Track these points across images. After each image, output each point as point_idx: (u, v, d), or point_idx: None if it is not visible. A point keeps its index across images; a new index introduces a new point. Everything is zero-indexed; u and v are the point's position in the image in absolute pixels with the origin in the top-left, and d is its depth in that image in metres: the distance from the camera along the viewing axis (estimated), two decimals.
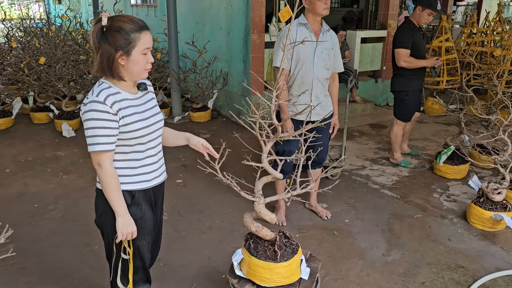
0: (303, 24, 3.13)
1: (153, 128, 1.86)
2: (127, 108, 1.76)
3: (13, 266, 2.89)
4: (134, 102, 1.81)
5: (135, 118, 1.78)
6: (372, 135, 5.81)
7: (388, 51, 7.14)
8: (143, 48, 1.70)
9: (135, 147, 1.83)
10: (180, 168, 4.52)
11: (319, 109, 3.28)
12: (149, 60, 1.75)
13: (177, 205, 3.75)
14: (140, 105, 1.83)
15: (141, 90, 1.85)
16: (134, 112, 1.78)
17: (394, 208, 3.75)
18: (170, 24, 6.05)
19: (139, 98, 1.84)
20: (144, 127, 1.80)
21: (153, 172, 1.93)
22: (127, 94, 1.79)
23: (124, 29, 1.66)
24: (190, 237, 3.27)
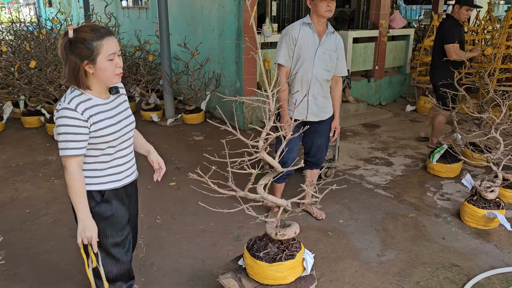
0: (307, 24, 3.16)
1: (125, 131, 1.94)
2: (98, 114, 1.83)
3: (4, 273, 2.85)
4: (105, 107, 1.88)
5: (106, 123, 1.85)
6: (365, 135, 5.82)
7: (380, 51, 7.16)
8: (107, 55, 1.76)
9: (105, 150, 1.91)
10: (173, 171, 4.49)
11: (316, 109, 3.27)
12: (117, 65, 1.81)
13: (170, 208, 3.73)
14: (112, 109, 1.91)
15: (112, 94, 1.92)
16: (105, 117, 1.86)
17: (388, 208, 3.74)
18: (162, 26, 6.02)
19: (111, 102, 1.92)
20: (115, 132, 1.89)
21: (124, 172, 2.02)
22: (98, 99, 1.85)
23: (86, 40, 1.73)
24: (184, 240, 3.24)
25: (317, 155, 3.45)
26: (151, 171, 2.25)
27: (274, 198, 2.10)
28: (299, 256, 2.24)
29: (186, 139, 5.49)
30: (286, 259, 2.20)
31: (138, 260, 2.99)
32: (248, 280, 2.29)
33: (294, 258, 2.21)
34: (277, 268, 2.20)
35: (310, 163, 3.49)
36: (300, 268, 2.28)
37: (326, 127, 3.39)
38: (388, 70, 7.85)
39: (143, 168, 4.71)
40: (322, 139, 3.39)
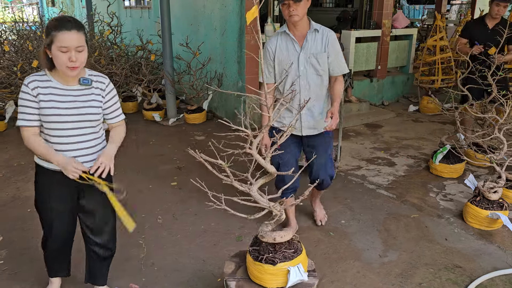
0: (284, 32, 2.87)
1: (70, 119, 2.02)
2: (48, 95, 2.00)
3: (5, 273, 2.85)
4: (61, 91, 2.03)
5: (51, 104, 2.00)
6: (367, 135, 5.80)
7: (383, 51, 7.13)
8: (58, 46, 1.88)
9: (47, 131, 2.06)
10: (174, 171, 4.48)
11: (312, 122, 2.98)
12: (70, 59, 1.90)
13: (171, 208, 3.72)
14: (67, 96, 2.03)
15: (80, 84, 2.05)
16: (54, 100, 2.01)
17: (390, 208, 3.72)
18: (164, 25, 6.01)
19: (73, 90, 2.05)
20: (56, 114, 2.00)
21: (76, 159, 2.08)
22: (57, 83, 2.03)
23: (48, 27, 1.92)
24: (185, 240, 3.23)
25: (319, 173, 3.04)
26: (151, 172, 2.25)
27: (258, 198, 2.08)
28: (282, 266, 2.20)
29: (188, 139, 5.48)
30: (267, 262, 2.21)
31: (139, 260, 2.98)
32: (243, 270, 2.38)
33: (274, 264, 2.19)
34: (257, 267, 2.24)
35: (312, 181, 3.07)
36: (282, 278, 2.22)
37: (327, 139, 3.05)
38: (391, 70, 7.83)
39: (144, 169, 4.75)
40: (321, 154, 3.00)
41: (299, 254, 2.27)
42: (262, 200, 2.10)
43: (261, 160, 2.02)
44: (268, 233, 2.26)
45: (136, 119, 6.49)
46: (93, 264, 2.48)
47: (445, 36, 6.84)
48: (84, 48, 1.96)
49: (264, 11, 6.54)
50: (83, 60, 1.97)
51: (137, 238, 3.25)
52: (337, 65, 2.91)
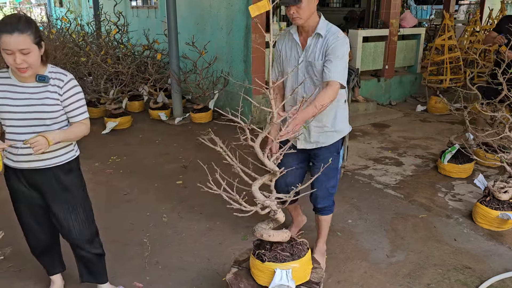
0: (291, 32, 2.59)
1: (19, 116, 2.01)
2: (2, 92, 2.01)
3: (10, 270, 2.83)
4: (17, 88, 2.01)
5: (3, 101, 2.00)
6: (374, 135, 5.74)
7: (391, 50, 7.06)
8: (3, 48, 1.86)
9: (5, 127, 2.07)
10: (180, 169, 4.45)
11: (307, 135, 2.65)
12: (15, 60, 1.86)
13: (176, 207, 3.69)
14: (22, 93, 2.01)
15: (37, 81, 2.01)
16: (7, 97, 2.00)
17: (398, 208, 3.67)
18: (170, 25, 6.00)
19: (30, 87, 2.02)
20: (8, 111, 2.00)
21: (17, 155, 2.08)
22: (15, 80, 2.02)
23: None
24: (189, 238, 3.20)
25: (313, 194, 2.73)
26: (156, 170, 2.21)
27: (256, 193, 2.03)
28: (269, 265, 2.13)
29: (194, 138, 5.46)
30: (258, 257, 2.18)
31: (143, 258, 2.96)
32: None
33: (262, 261, 2.15)
34: (252, 261, 2.23)
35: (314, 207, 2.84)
36: (268, 278, 2.14)
37: (326, 155, 2.62)
38: (398, 69, 7.76)
39: (149, 168, 4.73)
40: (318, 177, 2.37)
41: (294, 259, 2.15)
42: (259, 196, 2.05)
43: (260, 154, 1.98)
44: (259, 228, 2.20)
45: (142, 118, 6.48)
46: (80, 263, 2.46)
47: (454, 36, 6.76)
48: (31, 50, 1.88)
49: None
50: (31, 62, 1.91)
51: (142, 237, 3.23)
52: (330, 69, 2.38)
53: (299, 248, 2.22)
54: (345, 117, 2.70)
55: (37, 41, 1.91)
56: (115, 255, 2.95)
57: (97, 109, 6.32)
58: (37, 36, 1.92)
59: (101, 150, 5.08)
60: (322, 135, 2.63)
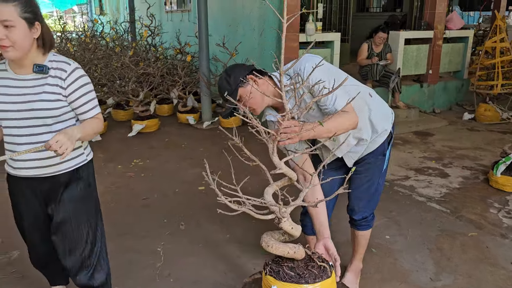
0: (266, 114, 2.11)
1: (14, 115, 1.72)
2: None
3: (12, 275, 2.63)
4: (13, 82, 1.72)
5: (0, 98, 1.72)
6: (416, 143, 5.28)
7: (435, 54, 6.58)
8: None
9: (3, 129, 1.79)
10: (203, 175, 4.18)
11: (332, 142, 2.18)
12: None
13: (196, 214, 3.41)
14: (19, 88, 1.72)
15: (35, 72, 1.72)
16: (2, 92, 1.72)
17: (444, 224, 3.24)
18: (201, 27, 5.81)
19: (26, 80, 1.73)
20: (2, 110, 1.72)
21: (16, 162, 1.80)
22: (11, 73, 1.74)
23: None
24: (207, 249, 2.91)
25: (350, 204, 2.39)
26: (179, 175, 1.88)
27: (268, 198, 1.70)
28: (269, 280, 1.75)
29: (221, 143, 5.20)
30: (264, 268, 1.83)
31: (154, 269, 2.69)
32: None
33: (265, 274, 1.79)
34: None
35: (350, 219, 2.48)
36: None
37: (370, 159, 2.24)
38: (443, 75, 7.23)
39: (172, 172, 4.49)
40: (356, 182, 2.28)
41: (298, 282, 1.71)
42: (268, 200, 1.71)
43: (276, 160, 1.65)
44: (266, 235, 1.85)
45: (171, 121, 6.30)
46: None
47: (506, 38, 6.20)
48: (15, 25, 1.58)
49: (305, 7, 6.21)
50: (15, 39, 1.59)
51: (156, 245, 2.96)
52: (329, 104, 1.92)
53: (313, 272, 1.75)
54: (381, 114, 2.20)
55: (26, 17, 1.61)
56: (126, 264, 2.71)
57: (125, 112, 6.19)
58: (28, 11, 1.62)
59: (125, 153, 4.90)
60: (362, 147, 2.20)
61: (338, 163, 2.28)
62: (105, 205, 3.57)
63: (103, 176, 4.22)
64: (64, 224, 1.87)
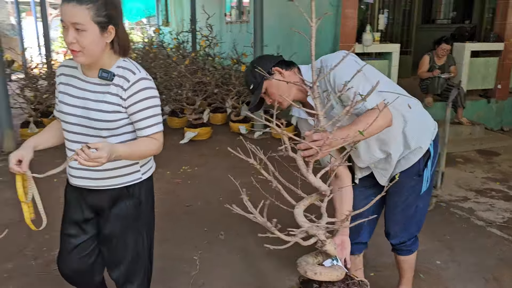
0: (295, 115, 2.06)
1: (71, 119, 1.62)
2: (66, 85, 1.65)
3: (54, 272, 2.72)
4: (79, 83, 1.62)
5: (61, 97, 1.64)
6: (479, 163, 4.90)
7: (505, 67, 6.12)
8: (60, 20, 1.50)
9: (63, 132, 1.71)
10: (249, 185, 4.14)
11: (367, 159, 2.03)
12: (68, 37, 1.48)
13: (237, 225, 3.36)
14: (83, 90, 1.61)
15: (99, 78, 1.57)
16: (68, 92, 1.63)
17: (504, 253, 2.94)
18: (256, 37, 5.83)
19: (91, 84, 1.61)
20: (63, 112, 1.63)
21: (74, 169, 1.68)
22: (80, 73, 1.63)
23: None
24: (244, 261, 2.85)
25: (386, 227, 2.18)
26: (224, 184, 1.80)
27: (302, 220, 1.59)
28: None
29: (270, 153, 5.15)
30: None
31: (189, 277, 2.67)
32: None
33: None
34: None
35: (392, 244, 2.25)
36: None
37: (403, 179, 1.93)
38: None
39: (217, 180, 4.49)
40: (389, 204, 2.09)
41: None
42: (302, 220, 1.61)
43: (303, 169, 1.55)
44: (303, 262, 1.75)
45: (223, 130, 6.35)
46: None
47: None
48: (87, 29, 1.46)
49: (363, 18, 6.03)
50: (85, 44, 1.48)
51: (193, 253, 2.95)
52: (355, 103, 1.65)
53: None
54: (419, 128, 1.98)
55: (99, 20, 1.48)
56: (160, 270, 2.70)
57: (179, 119, 6.32)
58: (101, 15, 1.48)
59: (175, 159, 4.99)
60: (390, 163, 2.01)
61: (371, 180, 2.09)
62: None
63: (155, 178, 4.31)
64: (110, 240, 1.78)
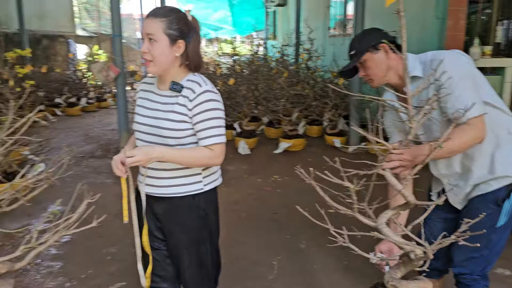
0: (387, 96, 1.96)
1: (142, 128, 1.74)
2: (143, 99, 1.79)
3: None
4: (154, 96, 1.75)
5: (137, 109, 1.78)
6: None
7: None
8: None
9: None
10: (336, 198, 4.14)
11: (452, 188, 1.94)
12: (143, 46, 1.64)
13: (319, 235, 3.37)
14: (156, 103, 1.73)
15: (170, 89, 1.69)
16: (143, 105, 1.77)
17: None
18: None
19: (163, 96, 1.73)
20: (136, 122, 1.77)
21: (143, 176, 1.76)
22: (155, 88, 1.77)
23: None
24: (321, 272, 2.89)
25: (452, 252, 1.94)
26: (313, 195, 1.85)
27: (391, 234, 1.57)
28: None
29: (364, 168, 5.06)
30: None
31: (265, 281, 2.81)
32: None
33: None
34: None
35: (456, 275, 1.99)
36: None
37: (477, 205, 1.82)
38: None
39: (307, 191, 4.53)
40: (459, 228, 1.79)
41: None
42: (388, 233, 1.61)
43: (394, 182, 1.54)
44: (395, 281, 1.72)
45: (318, 143, 6.40)
46: None
47: None
48: (158, 40, 1.60)
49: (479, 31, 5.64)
50: (155, 54, 1.61)
51: (272, 258, 3.06)
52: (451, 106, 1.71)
53: None
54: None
55: (169, 33, 1.61)
56: (237, 271, 2.87)
57: (275, 130, 6.52)
58: (173, 29, 1.61)
59: (267, 168, 5.17)
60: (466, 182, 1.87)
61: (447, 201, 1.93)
62: (236, 214, 3.86)
63: (242, 186, 4.54)
64: (175, 249, 1.84)
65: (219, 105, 1.69)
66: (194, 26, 1.69)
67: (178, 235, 1.80)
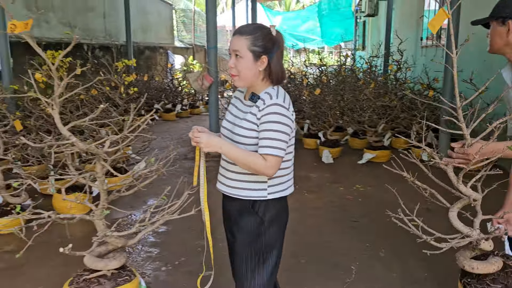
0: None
1: (224, 133, 1.90)
2: (232, 105, 1.96)
3: None
4: (239, 105, 1.90)
5: (226, 114, 1.95)
6: None
7: None
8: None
9: None
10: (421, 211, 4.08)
11: None
12: (230, 62, 1.79)
13: (400, 246, 3.40)
14: (239, 111, 1.88)
15: (249, 99, 1.83)
16: (230, 110, 1.94)
17: None
18: (448, 61, 5.63)
19: (245, 105, 1.87)
20: (221, 126, 1.94)
21: (219, 175, 1.94)
22: (242, 96, 1.92)
23: None
24: (400, 281, 2.91)
25: None
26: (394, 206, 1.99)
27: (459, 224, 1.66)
28: None
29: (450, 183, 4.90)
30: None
31: (342, 283, 2.90)
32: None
33: None
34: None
35: None
36: None
37: None
38: None
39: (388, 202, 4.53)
40: None
41: None
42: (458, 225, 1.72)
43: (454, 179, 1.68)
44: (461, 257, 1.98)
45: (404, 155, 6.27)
46: None
47: None
48: (243, 56, 1.74)
49: None
50: (240, 69, 1.75)
51: (351, 263, 3.15)
52: None
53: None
54: None
55: (253, 50, 1.73)
56: (314, 272, 3.01)
57: (360, 140, 6.54)
58: (257, 45, 1.74)
59: (350, 177, 5.23)
60: None
61: None
62: (318, 217, 3.99)
63: (324, 193, 4.67)
64: (233, 252, 1.93)
65: (284, 119, 1.73)
66: (278, 40, 1.79)
67: (235, 234, 1.90)
